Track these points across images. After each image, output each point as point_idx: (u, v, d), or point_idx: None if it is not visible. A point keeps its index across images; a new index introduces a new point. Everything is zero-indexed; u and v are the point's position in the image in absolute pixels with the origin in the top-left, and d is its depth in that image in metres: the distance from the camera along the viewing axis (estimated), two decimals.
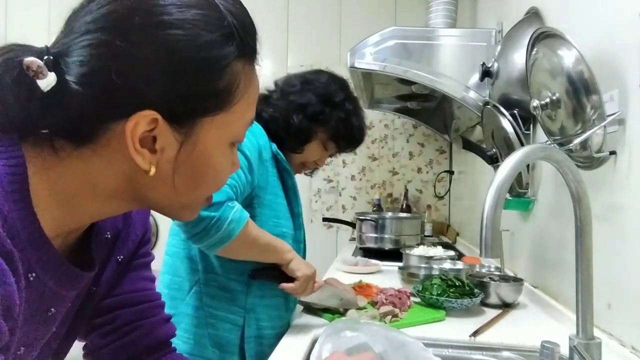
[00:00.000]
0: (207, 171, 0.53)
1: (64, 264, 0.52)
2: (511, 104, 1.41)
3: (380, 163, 3.15)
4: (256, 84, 0.54)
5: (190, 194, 0.54)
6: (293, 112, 1.20)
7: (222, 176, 0.55)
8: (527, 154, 0.73)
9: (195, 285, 1.14)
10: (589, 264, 0.75)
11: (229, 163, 0.55)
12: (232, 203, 0.97)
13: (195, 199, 0.56)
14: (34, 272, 0.48)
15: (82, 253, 0.57)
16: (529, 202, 1.43)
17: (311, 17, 3.15)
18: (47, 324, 0.53)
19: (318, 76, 1.28)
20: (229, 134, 0.53)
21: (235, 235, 0.96)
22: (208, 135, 0.51)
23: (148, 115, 0.46)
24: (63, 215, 0.50)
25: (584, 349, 0.75)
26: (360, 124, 1.30)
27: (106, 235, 0.62)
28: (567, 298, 1.16)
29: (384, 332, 0.75)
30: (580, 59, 0.99)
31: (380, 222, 2.17)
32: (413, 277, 1.47)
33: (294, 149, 1.24)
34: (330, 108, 1.22)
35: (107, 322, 0.66)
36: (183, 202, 0.55)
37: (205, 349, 1.11)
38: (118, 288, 0.66)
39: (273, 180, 1.18)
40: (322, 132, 1.24)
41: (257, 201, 1.13)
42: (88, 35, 0.46)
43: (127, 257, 0.66)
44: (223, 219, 0.93)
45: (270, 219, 1.15)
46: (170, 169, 0.50)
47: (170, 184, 0.51)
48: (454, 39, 1.87)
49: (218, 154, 0.52)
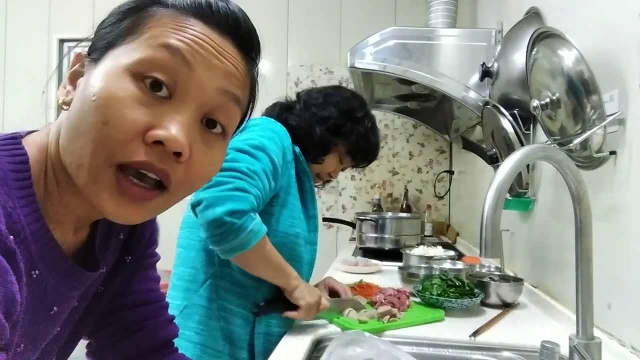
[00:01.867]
0: (86, 97, 0.44)
1: (68, 263, 0.51)
2: (511, 104, 1.41)
3: (380, 163, 3.15)
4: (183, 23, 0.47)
5: (77, 134, 0.44)
6: (316, 123, 1.23)
7: (106, 105, 0.43)
8: (527, 154, 0.73)
9: (210, 277, 1.15)
10: (589, 264, 0.75)
11: (124, 95, 0.43)
12: (254, 214, 0.98)
13: (85, 147, 0.43)
14: (37, 269, 0.48)
15: (88, 253, 0.57)
16: (529, 202, 1.43)
17: (311, 17, 3.15)
18: (49, 323, 0.53)
19: (340, 91, 1.32)
20: (125, 57, 0.45)
21: (251, 246, 0.98)
22: (105, 62, 0.46)
23: (80, 54, 0.49)
24: (65, 210, 0.50)
25: (584, 349, 0.75)
26: (377, 142, 1.35)
27: (119, 237, 0.62)
28: (567, 298, 1.16)
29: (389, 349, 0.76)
30: (580, 59, 0.99)
31: (380, 222, 2.18)
32: (413, 277, 1.47)
33: (314, 159, 1.27)
34: (351, 122, 1.26)
35: (113, 322, 0.66)
36: (76, 153, 0.44)
37: (217, 341, 1.12)
38: (125, 288, 0.66)
39: (292, 181, 1.20)
40: (341, 145, 1.27)
41: (277, 200, 1.15)
42: None
43: (135, 258, 0.66)
44: (243, 227, 0.95)
45: (287, 218, 1.16)
46: (73, 103, 0.46)
47: (67, 121, 0.46)
48: (454, 39, 1.87)
49: (105, 77, 0.44)
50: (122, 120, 0.43)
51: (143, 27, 0.46)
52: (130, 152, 0.43)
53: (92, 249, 0.57)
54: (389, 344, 0.78)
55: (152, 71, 0.44)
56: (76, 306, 0.57)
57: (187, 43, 0.45)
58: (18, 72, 3.25)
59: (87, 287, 0.58)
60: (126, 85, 0.43)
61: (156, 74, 0.44)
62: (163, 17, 0.47)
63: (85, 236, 0.56)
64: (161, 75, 0.44)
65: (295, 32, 3.17)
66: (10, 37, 3.33)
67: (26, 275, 0.45)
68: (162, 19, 0.47)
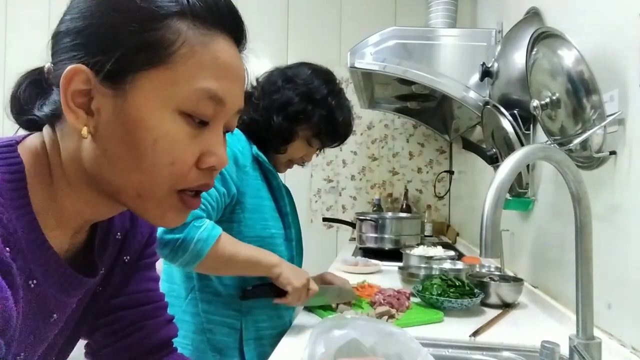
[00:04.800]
0: (143, 136, 0.46)
1: (66, 271, 0.51)
2: (511, 104, 1.41)
3: (380, 163, 3.15)
4: (216, 54, 0.48)
5: (136, 169, 0.47)
6: (274, 112, 1.17)
7: (169, 148, 0.46)
8: (527, 154, 0.73)
9: (190, 292, 1.15)
10: (589, 264, 0.75)
11: (181, 135, 0.47)
12: (199, 222, 0.96)
13: (147, 182, 0.47)
14: (35, 279, 0.48)
15: (86, 257, 0.57)
16: (529, 202, 1.43)
17: (311, 17, 3.15)
18: (48, 329, 0.53)
19: (299, 71, 1.22)
20: (170, 95, 0.46)
21: (204, 255, 0.96)
22: (142, 94, 0.46)
23: (79, 70, 0.45)
24: (61, 217, 0.50)
25: (584, 349, 0.75)
26: (345, 118, 1.24)
27: (117, 237, 0.62)
28: (567, 298, 1.16)
29: (371, 325, 0.76)
30: (580, 59, 0.99)
31: (380, 222, 2.17)
32: (413, 277, 1.47)
33: (276, 150, 1.21)
34: (312, 105, 1.18)
35: (111, 322, 0.66)
36: (134, 185, 0.48)
37: (205, 354, 1.12)
38: (124, 288, 0.66)
39: (256, 183, 1.16)
40: (304, 130, 1.20)
41: (241, 207, 1.12)
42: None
43: (133, 258, 0.66)
44: (188, 239, 0.94)
45: (258, 222, 1.14)
46: (107, 134, 0.46)
47: (110, 154, 0.47)
48: (454, 39, 1.87)
49: (156, 117, 0.46)
50: (185, 158, 0.48)
51: (173, 54, 0.46)
52: (191, 180, 0.49)
53: (90, 252, 0.57)
54: (371, 321, 0.78)
55: (197, 111, 0.48)
56: (74, 308, 0.57)
57: (220, 80, 0.49)
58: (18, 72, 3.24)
59: (86, 290, 0.58)
60: (182, 127, 0.47)
61: (201, 113, 0.48)
62: (191, 41, 0.47)
63: (83, 240, 0.56)
64: (205, 114, 0.49)
65: (295, 32, 3.17)
66: (10, 37, 3.33)
67: (24, 285, 0.45)
68: (192, 45, 0.47)
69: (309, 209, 3.11)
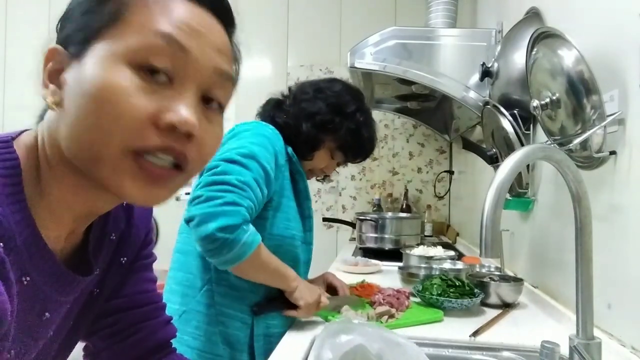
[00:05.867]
0: (90, 93, 0.43)
1: (61, 269, 0.51)
2: (511, 104, 1.41)
3: (380, 163, 3.15)
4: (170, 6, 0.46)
5: (86, 129, 0.44)
6: (303, 119, 1.21)
7: (115, 100, 0.43)
8: (527, 154, 0.73)
9: (207, 283, 1.15)
10: (589, 264, 0.75)
11: (129, 86, 0.44)
12: (247, 226, 0.98)
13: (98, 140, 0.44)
14: (28, 276, 0.47)
15: (82, 257, 0.57)
16: (529, 202, 1.43)
17: (311, 17, 3.15)
18: (41, 328, 0.53)
19: (331, 85, 1.28)
20: (120, 48, 0.44)
21: (245, 257, 0.98)
22: (95, 54, 0.44)
23: (55, 49, 0.46)
24: (53, 211, 0.50)
25: (584, 349, 0.75)
26: (371, 136, 1.29)
27: (111, 237, 0.62)
28: (567, 298, 1.16)
29: (378, 332, 0.76)
30: (580, 59, 0.99)
31: (380, 222, 2.18)
32: (413, 277, 1.47)
33: (303, 156, 1.25)
34: (340, 118, 1.22)
35: (110, 324, 0.66)
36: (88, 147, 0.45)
37: (216, 346, 1.12)
38: (121, 290, 0.66)
39: (286, 183, 1.19)
40: (330, 141, 1.25)
41: (271, 204, 1.14)
42: None
43: (130, 259, 0.66)
44: (236, 241, 0.96)
45: (282, 221, 1.16)
46: (68, 101, 0.45)
47: (68, 119, 0.45)
48: (454, 39, 1.87)
49: (105, 72, 0.43)
50: (132, 109, 0.43)
51: (127, 14, 0.45)
52: (146, 138, 0.44)
53: (85, 252, 0.57)
54: (377, 328, 0.78)
55: (149, 59, 0.44)
56: (70, 309, 0.57)
57: (178, 26, 0.45)
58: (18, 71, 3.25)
59: (81, 291, 0.57)
60: (126, 75, 0.43)
61: (154, 61, 0.44)
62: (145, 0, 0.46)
63: (78, 240, 0.56)
64: (159, 63, 0.44)
65: (295, 32, 3.17)
66: (10, 37, 3.33)
67: (17, 282, 0.45)
68: (146, 3, 0.46)
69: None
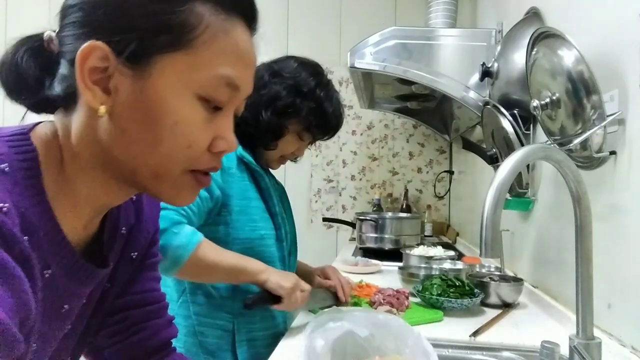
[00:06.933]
0: (163, 118, 0.46)
1: (79, 261, 0.52)
2: (511, 104, 1.41)
3: (380, 163, 3.15)
4: (235, 41, 0.49)
5: (155, 151, 0.47)
6: (262, 107, 1.14)
7: (188, 132, 0.47)
8: (527, 154, 0.73)
9: (182, 294, 1.14)
10: (589, 264, 0.75)
11: (198, 119, 0.48)
12: (177, 228, 0.95)
13: (164, 164, 0.48)
14: (49, 269, 0.48)
15: (96, 249, 0.57)
16: (529, 202, 1.43)
17: (311, 17, 3.15)
18: (60, 320, 0.53)
19: (286, 64, 1.19)
20: (191, 80, 0.46)
21: (184, 261, 0.95)
22: (163, 76, 0.45)
23: (97, 47, 0.44)
24: (75, 203, 0.50)
25: (584, 349, 0.75)
26: (335, 109, 1.21)
27: (122, 231, 0.62)
28: (567, 298, 1.16)
29: (366, 316, 0.76)
30: (580, 59, 0.99)
31: (380, 222, 2.17)
32: (413, 277, 1.47)
33: (266, 146, 1.19)
34: (300, 99, 1.14)
35: (116, 322, 0.66)
36: (151, 166, 0.48)
37: (197, 356, 1.11)
38: (130, 287, 0.66)
39: (243, 184, 1.15)
40: (294, 124, 1.17)
41: (227, 209, 1.11)
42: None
43: (140, 255, 0.66)
44: (167, 246, 0.93)
45: (246, 223, 1.13)
46: (125, 114, 0.46)
47: (129, 135, 0.46)
48: (454, 39, 1.87)
49: (176, 101, 0.46)
50: (198, 140, 0.49)
51: (197, 42, 0.46)
52: (203, 163, 0.51)
53: (100, 244, 0.57)
54: (365, 312, 0.79)
55: (213, 97, 0.49)
56: (85, 304, 0.57)
57: (238, 69, 0.49)
58: None
59: (96, 284, 0.58)
60: (199, 111, 0.48)
61: (216, 98, 0.49)
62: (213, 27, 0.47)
63: (94, 232, 0.56)
64: (220, 99, 0.50)
65: (295, 32, 3.17)
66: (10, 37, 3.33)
67: (39, 276, 0.45)
68: (214, 31, 0.47)
69: (309, 209, 3.11)
